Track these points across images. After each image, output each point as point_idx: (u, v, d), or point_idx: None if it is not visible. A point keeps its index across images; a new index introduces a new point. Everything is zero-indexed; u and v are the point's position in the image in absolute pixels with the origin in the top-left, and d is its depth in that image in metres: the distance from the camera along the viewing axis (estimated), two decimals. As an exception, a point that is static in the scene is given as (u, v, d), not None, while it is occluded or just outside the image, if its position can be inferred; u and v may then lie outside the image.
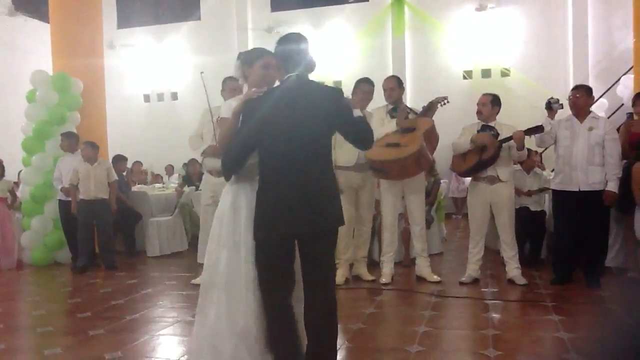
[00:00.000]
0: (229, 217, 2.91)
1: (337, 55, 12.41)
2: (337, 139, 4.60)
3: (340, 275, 5.18)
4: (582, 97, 4.88)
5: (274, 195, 2.70)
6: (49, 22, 7.91)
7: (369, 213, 5.40)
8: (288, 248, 2.78)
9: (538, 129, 4.84)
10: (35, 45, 11.23)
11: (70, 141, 6.85)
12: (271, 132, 2.72)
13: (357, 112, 2.89)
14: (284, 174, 2.69)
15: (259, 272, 2.79)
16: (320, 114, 2.73)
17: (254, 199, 2.79)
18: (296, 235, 2.74)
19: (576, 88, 5.02)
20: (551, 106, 5.01)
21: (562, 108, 5.09)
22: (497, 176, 4.97)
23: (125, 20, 14.01)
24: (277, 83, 2.96)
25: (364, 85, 5.20)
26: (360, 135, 2.90)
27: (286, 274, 2.80)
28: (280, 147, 2.70)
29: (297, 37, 2.88)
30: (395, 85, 5.27)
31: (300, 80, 2.80)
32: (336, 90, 2.87)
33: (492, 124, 5.05)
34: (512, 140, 4.84)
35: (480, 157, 4.94)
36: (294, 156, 2.68)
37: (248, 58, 3.04)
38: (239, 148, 2.83)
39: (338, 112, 2.78)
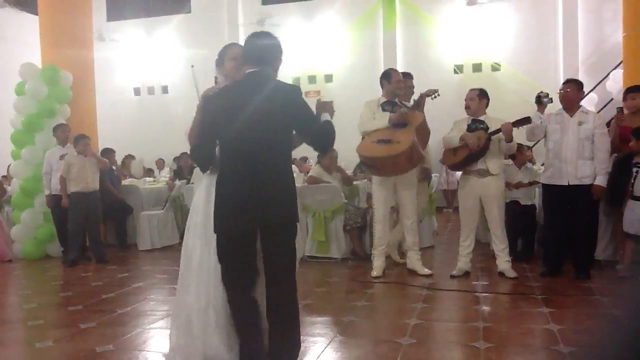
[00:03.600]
0: (203, 207, 2.99)
1: (328, 48, 12.40)
2: None
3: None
4: (572, 91, 4.91)
5: (228, 190, 2.75)
6: (38, 14, 7.83)
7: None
8: (246, 242, 2.77)
9: (526, 121, 4.87)
10: (24, 38, 11.13)
11: (65, 133, 6.82)
12: (226, 126, 2.76)
13: (325, 117, 2.93)
14: (238, 169, 2.73)
15: (221, 265, 2.83)
16: (275, 110, 2.73)
17: None
18: (248, 229, 2.74)
19: (567, 82, 5.05)
20: (541, 100, 5.04)
21: (552, 102, 5.12)
22: (487, 169, 5.00)
23: (115, 12, 13.89)
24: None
25: (408, 81, 5.45)
26: (317, 138, 2.89)
27: (245, 268, 2.81)
28: (235, 142, 2.76)
29: (264, 35, 2.90)
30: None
31: (258, 76, 2.81)
32: (293, 88, 2.85)
33: (481, 117, 5.07)
34: (500, 133, 4.86)
35: (470, 150, 4.96)
36: (248, 151, 2.72)
37: (219, 57, 3.14)
38: (199, 142, 2.92)
39: (293, 110, 2.77)
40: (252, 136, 2.71)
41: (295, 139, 2.95)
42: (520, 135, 5.21)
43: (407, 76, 5.57)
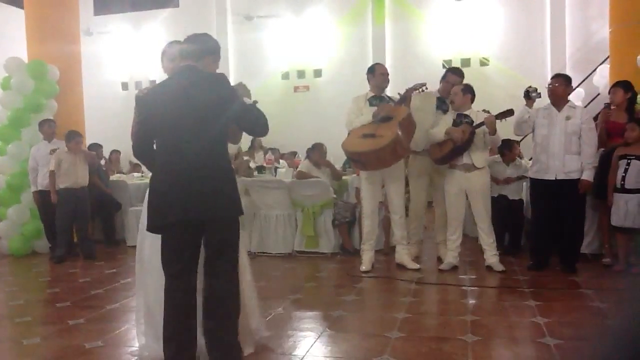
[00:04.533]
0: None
1: (317, 43, 12.37)
2: None
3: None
4: (560, 86, 4.94)
5: (166, 185, 2.75)
6: (24, 8, 7.74)
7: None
8: (183, 235, 2.76)
9: (508, 113, 4.91)
10: (9, 31, 10.99)
11: (52, 129, 6.76)
12: (159, 121, 2.80)
13: (247, 100, 2.99)
14: (170, 162, 2.76)
15: (161, 257, 2.83)
16: (206, 101, 2.77)
17: None
18: (180, 223, 2.72)
19: (555, 77, 5.08)
20: (529, 95, 5.07)
21: (540, 97, 5.15)
22: (473, 163, 5.03)
23: (101, 6, 13.77)
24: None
25: (450, 76, 5.43)
26: (248, 123, 2.95)
27: (182, 261, 2.79)
28: (168, 136, 2.78)
29: (201, 35, 3.01)
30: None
31: (189, 70, 2.86)
32: (220, 76, 2.89)
33: (467, 112, 5.10)
34: (484, 126, 4.90)
35: (454, 144, 5.00)
36: (179, 144, 2.74)
37: (161, 56, 3.31)
38: (138, 140, 2.96)
39: (223, 98, 2.80)
40: (185, 130, 2.74)
41: (234, 129, 3.01)
42: (507, 130, 5.25)
43: (456, 72, 5.51)
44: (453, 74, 5.49)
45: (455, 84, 5.28)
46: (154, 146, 2.90)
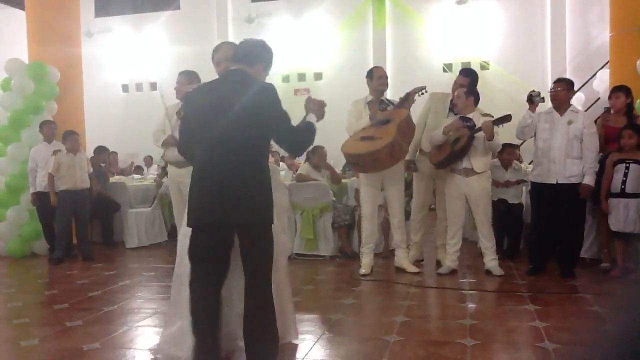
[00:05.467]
0: None
1: (318, 46, 12.39)
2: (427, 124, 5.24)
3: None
4: (563, 90, 4.93)
5: (198, 186, 2.77)
6: (24, 10, 7.75)
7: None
8: (216, 238, 2.77)
9: (506, 118, 4.87)
10: (10, 33, 11.02)
11: (52, 130, 6.76)
12: (199, 120, 2.81)
13: (310, 117, 2.97)
14: (206, 165, 2.76)
15: (189, 260, 2.83)
16: (247, 108, 2.73)
17: None
18: (215, 225, 2.74)
19: (558, 81, 5.07)
20: (532, 99, 5.04)
21: (544, 101, 5.14)
22: (472, 168, 5.02)
23: (102, 8, 13.80)
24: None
25: (458, 78, 5.39)
26: (285, 141, 2.90)
27: (211, 264, 2.80)
28: (204, 136, 2.78)
29: (255, 40, 2.99)
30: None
31: (235, 74, 2.86)
32: (266, 86, 2.84)
33: (470, 115, 5.08)
34: (482, 131, 4.88)
35: (452, 148, 4.99)
36: (216, 147, 2.74)
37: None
38: (181, 136, 2.98)
39: (262, 106, 2.77)
40: (223, 134, 2.73)
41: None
42: (509, 137, 5.24)
43: (462, 73, 5.43)
44: (460, 74, 5.44)
45: (462, 85, 5.24)
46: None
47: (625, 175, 4.86)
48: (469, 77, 5.34)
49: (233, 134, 2.72)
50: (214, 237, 2.77)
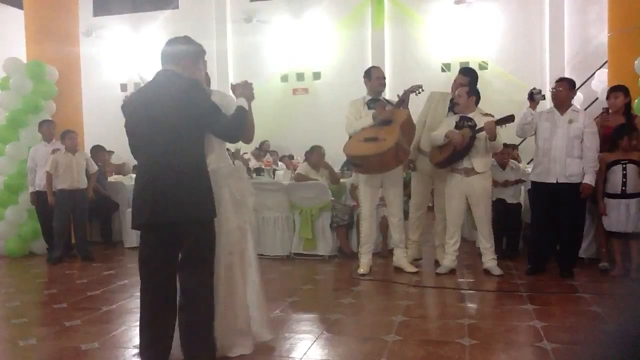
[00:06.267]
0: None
1: (317, 46, 12.38)
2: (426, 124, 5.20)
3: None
4: (564, 90, 4.94)
5: (136, 187, 2.92)
6: (23, 9, 7.74)
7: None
8: (157, 238, 2.90)
9: (509, 119, 4.88)
10: (8, 32, 10.98)
11: (51, 130, 6.75)
12: (135, 126, 2.95)
13: (240, 101, 3.05)
14: (142, 165, 2.91)
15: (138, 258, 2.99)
16: (173, 106, 2.84)
17: None
18: (151, 225, 2.87)
19: (559, 81, 5.09)
20: (533, 96, 5.04)
21: (544, 99, 5.15)
22: (473, 167, 5.02)
23: (101, 7, 13.77)
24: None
25: (458, 77, 5.39)
26: (220, 131, 2.99)
27: (152, 265, 2.93)
28: (141, 140, 2.91)
29: (180, 39, 3.08)
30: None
31: (162, 76, 2.98)
32: (190, 82, 2.93)
33: (470, 115, 5.09)
34: (484, 131, 4.88)
35: (454, 148, 4.99)
36: (149, 148, 2.87)
37: None
38: (130, 143, 3.05)
39: (191, 105, 2.86)
40: (154, 133, 2.85)
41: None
42: (508, 133, 5.23)
43: (462, 72, 5.43)
44: (460, 74, 5.44)
45: (462, 84, 5.24)
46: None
47: (625, 176, 4.87)
48: (468, 77, 5.34)
49: (163, 135, 2.83)
50: (156, 237, 2.90)
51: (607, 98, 5.46)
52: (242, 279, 3.20)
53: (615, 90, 5.38)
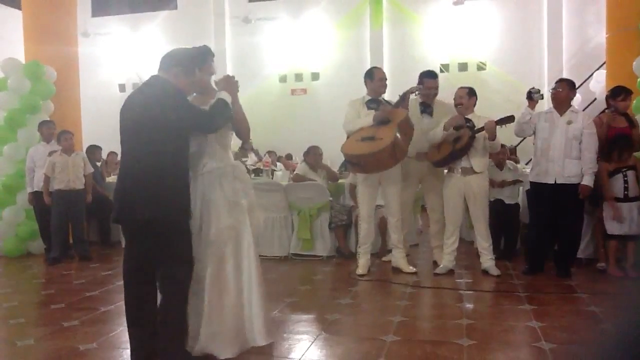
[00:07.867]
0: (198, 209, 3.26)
1: (315, 46, 12.39)
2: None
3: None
4: (564, 90, 4.95)
5: (116, 184, 3.08)
6: (21, 9, 7.73)
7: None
8: (131, 234, 3.07)
9: (509, 119, 4.89)
10: (6, 32, 10.98)
11: (51, 130, 6.75)
12: (121, 127, 3.09)
13: (221, 94, 3.16)
14: (121, 165, 3.11)
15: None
16: (148, 108, 2.98)
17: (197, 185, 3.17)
18: (124, 222, 3.06)
19: (559, 81, 5.09)
20: (532, 96, 5.04)
21: (543, 98, 5.15)
22: (471, 167, 5.03)
23: (99, 8, 13.78)
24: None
25: (428, 81, 5.36)
26: (200, 124, 3.08)
27: (134, 262, 3.05)
28: (123, 141, 3.08)
29: (178, 49, 3.28)
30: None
31: (149, 81, 3.13)
32: (164, 86, 3.05)
33: (469, 116, 5.10)
34: (484, 131, 4.89)
35: (453, 147, 5.00)
36: (126, 149, 3.05)
37: None
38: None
39: (166, 106, 2.97)
40: (130, 134, 3.02)
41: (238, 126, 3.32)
42: (507, 133, 5.24)
43: (430, 75, 5.44)
44: (430, 78, 5.42)
45: (433, 88, 5.34)
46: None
47: (626, 182, 4.98)
48: (436, 79, 5.47)
49: (138, 136, 2.98)
50: (130, 235, 3.06)
51: (618, 99, 5.31)
52: (235, 280, 3.20)
53: (626, 92, 5.29)
